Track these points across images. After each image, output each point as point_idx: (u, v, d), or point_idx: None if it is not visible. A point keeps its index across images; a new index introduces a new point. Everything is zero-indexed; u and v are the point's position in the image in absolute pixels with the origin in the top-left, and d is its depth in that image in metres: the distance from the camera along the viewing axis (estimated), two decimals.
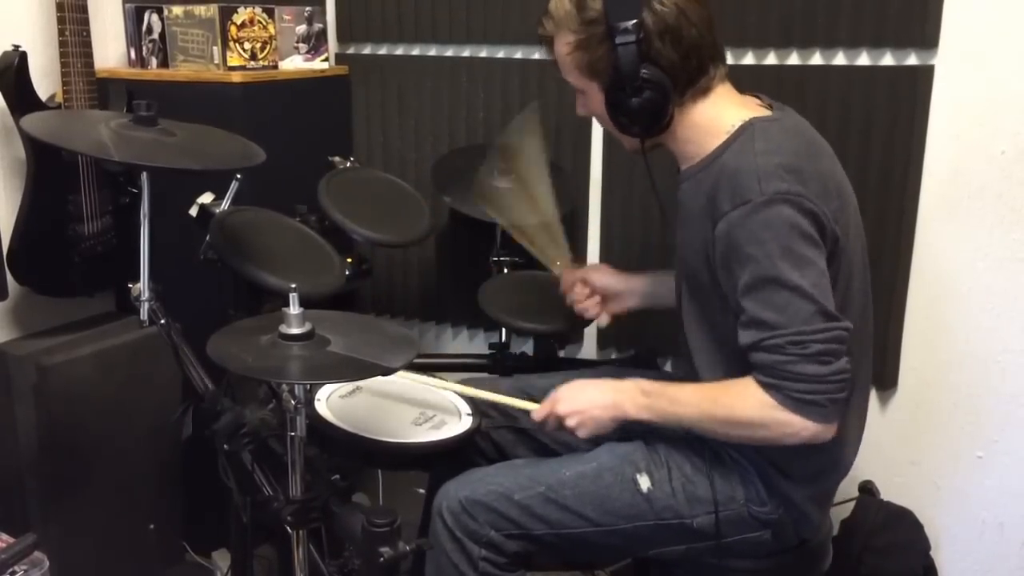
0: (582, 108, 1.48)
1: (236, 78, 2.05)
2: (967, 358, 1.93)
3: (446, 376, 1.70)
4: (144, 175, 1.52)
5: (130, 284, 1.55)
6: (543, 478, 1.46)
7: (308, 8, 2.27)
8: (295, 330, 1.28)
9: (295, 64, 2.26)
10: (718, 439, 1.39)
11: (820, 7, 1.88)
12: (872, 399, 2.00)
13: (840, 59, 1.91)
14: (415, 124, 2.35)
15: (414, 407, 1.57)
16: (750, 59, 1.98)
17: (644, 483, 1.43)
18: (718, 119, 1.37)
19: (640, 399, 1.41)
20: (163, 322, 1.56)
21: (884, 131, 1.88)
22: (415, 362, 1.37)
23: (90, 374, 1.99)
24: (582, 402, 1.44)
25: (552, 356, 2.05)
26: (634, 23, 1.30)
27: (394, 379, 1.65)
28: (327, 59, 2.33)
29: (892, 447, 2.02)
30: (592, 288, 1.75)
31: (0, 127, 2.03)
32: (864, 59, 1.89)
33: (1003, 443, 1.94)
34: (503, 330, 2.06)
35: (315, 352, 1.28)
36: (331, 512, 1.40)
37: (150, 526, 2.14)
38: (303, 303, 1.29)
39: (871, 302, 1.45)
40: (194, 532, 2.23)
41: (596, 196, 2.21)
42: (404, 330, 1.56)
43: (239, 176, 1.63)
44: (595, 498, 1.43)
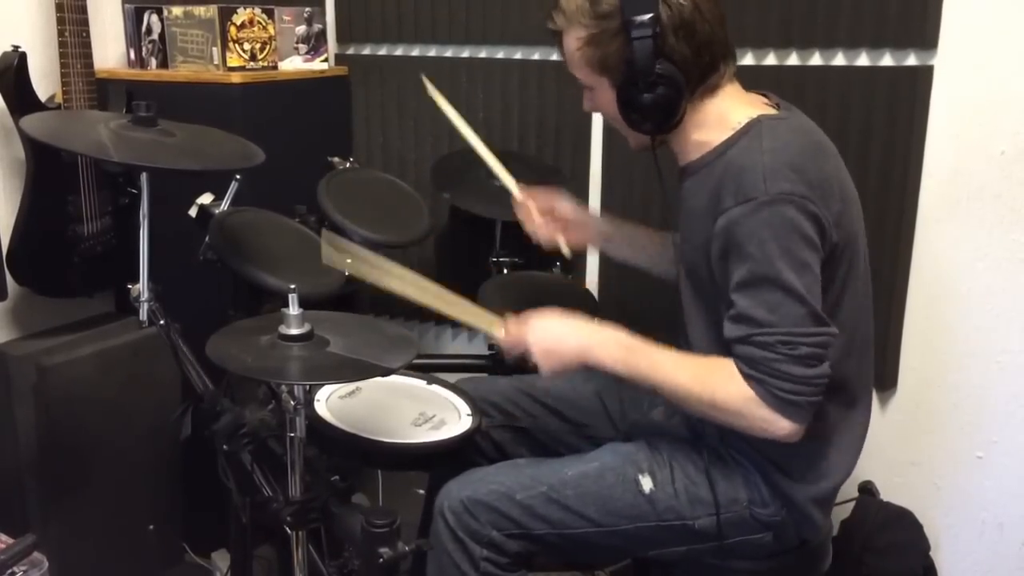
0: (589, 104, 1.46)
1: (236, 79, 2.05)
2: (967, 358, 1.93)
3: (446, 378, 1.70)
4: (144, 176, 1.52)
5: (130, 285, 1.55)
6: (545, 478, 1.45)
7: (308, 9, 2.27)
8: (294, 331, 1.28)
9: (295, 65, 2.26)
10: (686, 409, 1.38)
11: (820, 7, 1.88)
12: (872, 399, 1.99)
13: (840, 59, 1.91)
14: (415, 125, 2.35)
15: (414, 407, 1.57)
16: (750, 59, 1.98)
17: (646, 484, 1.43)
18: (726, 116, 1.36)
19: (616, 351, 1.38)
20: (163, 322, 1.56)
21: (884, 131, 1.88)
22: (414, 362, 1.37)
23: (90, 374, 1.98)
24: (554, 337, 1.41)
25: None
26: (650, 17, 1.28)
27: (394, 379, 1.66)
28: (327, 60, 2.33)
29: (892, 447, 2.02)
30: (552, 210, 1.68)
31: (0, 128, 2.04)
32: (864, 59, 1.89)
33: (1003, 443, 1.94)
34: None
35: (314, 353, 1.28)
36: (330, 513, 1.40)
37: (150, 527, 2.13)
38: (302, 304, 1.29)
39: (871, 304, 1.45)
40: (194, 533, 2.23)
41: (596, 196, 2.21)
42: (403, 330, 1.55)
43: (239, 177, 1.63)
44: (597, 498, 1.43)
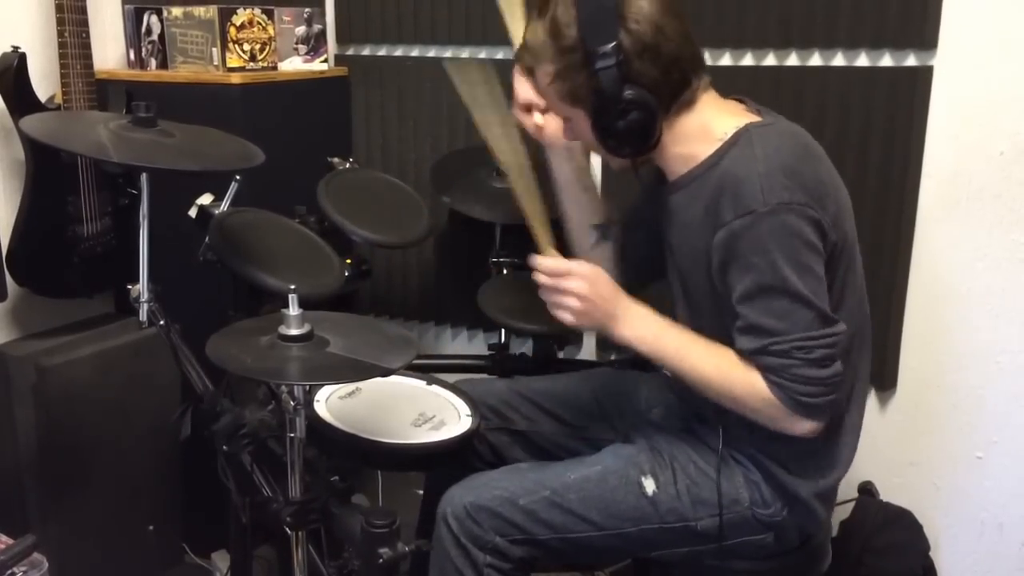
0: (569, 135, 1.46)
1: (235, 79, 2.05)
2: (966, 358, 1.93)
3: (445, 379, 1.70)
4: (143, 176, 1.52)
5: (129, 285, 1.55)
6: (548, 482, 1.45)
7: (307, 9, 2.27)
8: (294, 331, 1.28)
9: (294, 65, 2.26)
10: (705, 396, 1.38)
11: (819, 8, 1.88)
12: (871, 399, 2.00)
13: (839, 60, 1.91)
14: (414, 125, 2.35)
15: (413, 408, 1.57)
16: (749, 60, 1.98)
17: (649, 486, 1.43)
18: (708, 127, 1.36)
19: (644, 330, 1.39)
20: (162, 323, 1.56)
21: (883, 132, 1.88)
22: (414, 363, 1.37)
23: (89, 375, 1.98)
24: (593, 292, 1.38)
25: (551, 357, 2.04)
26: (612, 46, 1.28)
27: (394, 380, 1.66)
28: (326, 60, 2.33)
29: (891, 448, 2.02)
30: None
31: (0, 128, 2.04)
32: (863, 60, 1.89)
33: (1002, 443, 1.94)
34: (502, 331, 2.06)
35: (314, 353, 1.28)
36: (330, 513, 1.40)
37: (149, 527, 2.13)
38: (302, 304, 1.29)
39: (867, 299, 1.45)
40: (193, 533, 2.23)
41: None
42: (403, 331, 1.55)
43: (238, 177, 1.63)
44: (600, 501, 1.43)
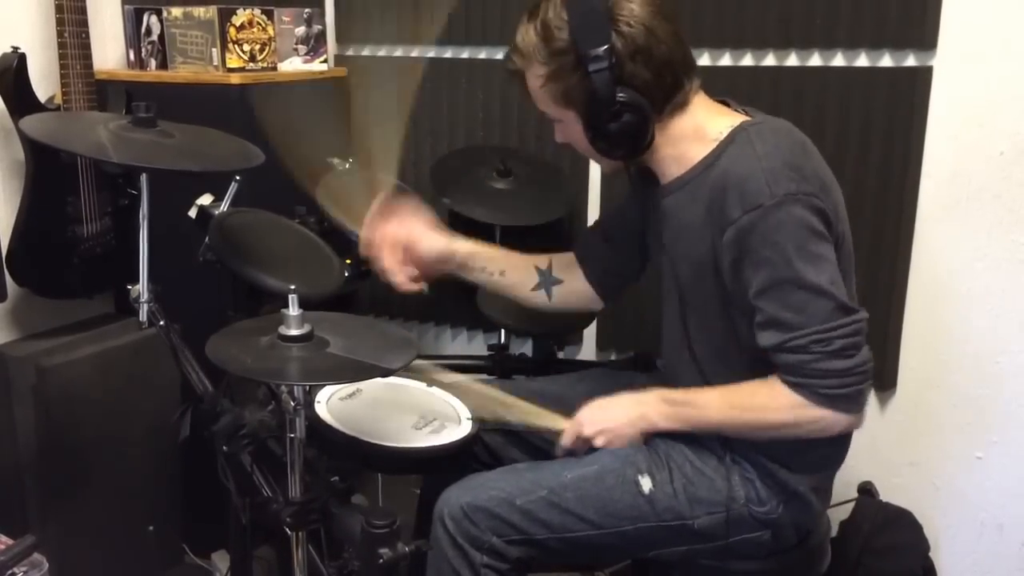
0: (560, 137, 1.46)
1: (235, 80, 2.05)
2: (966, 359, 1.93)
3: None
4: (143, 176, 1.52)
5: (129, 286, 1.55)
6: (545, 481, 1.45)
7: (307, 10, 2.27)
8: (294, 331, 1.28)
9: (294, 66, 2.26)
10: (751, 439, 1.40)
11: (819, 8, 1.88)
12: (871, 400, 2.00)
13: (839, 60, 1.91)
14: (414, 126, 2.34)
15: (414, 411, 1.56)
16: (749, 60, 1.98)
17: (646, 484, 1.43)
18: (702, 128, 1.37)
19: (663, 408, 1.44)
20: (162, 323, 1.56)
21: (883, 132, 1.88)
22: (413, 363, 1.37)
23: (89, 375, 1.98)
24: (607, 421, 1.46)
25: (551, 357, 2.05)
26: (605, 49, 1.28)
27: (394, 381, 1.66)
28: (326, 61, 2.33)
29: (891, 448, 2.02)
30: (403, 243, 1.59)
31: (0, 129, 2.04)
32: (863, 60, 1.90)
33: (1002, 444, 1.94)
34: (502, 331, 2.06)
35: (314, 354, 1.28)
36: (330, 513, 1.40)
37: (149, 527, 2.13)
38: (302, 304, 1.29)
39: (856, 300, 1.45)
40: (193, 533, 2.23)
41: (595, 198, 2.21)
42: (403, 331, 1.55)
43: (238, 177, 1.62)
44: (597, 500, 1.43)
